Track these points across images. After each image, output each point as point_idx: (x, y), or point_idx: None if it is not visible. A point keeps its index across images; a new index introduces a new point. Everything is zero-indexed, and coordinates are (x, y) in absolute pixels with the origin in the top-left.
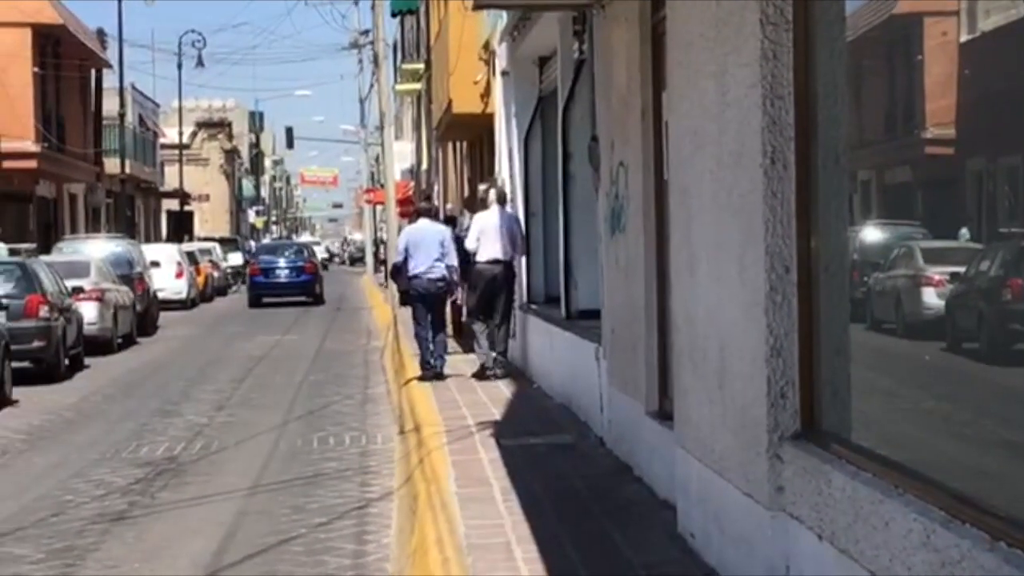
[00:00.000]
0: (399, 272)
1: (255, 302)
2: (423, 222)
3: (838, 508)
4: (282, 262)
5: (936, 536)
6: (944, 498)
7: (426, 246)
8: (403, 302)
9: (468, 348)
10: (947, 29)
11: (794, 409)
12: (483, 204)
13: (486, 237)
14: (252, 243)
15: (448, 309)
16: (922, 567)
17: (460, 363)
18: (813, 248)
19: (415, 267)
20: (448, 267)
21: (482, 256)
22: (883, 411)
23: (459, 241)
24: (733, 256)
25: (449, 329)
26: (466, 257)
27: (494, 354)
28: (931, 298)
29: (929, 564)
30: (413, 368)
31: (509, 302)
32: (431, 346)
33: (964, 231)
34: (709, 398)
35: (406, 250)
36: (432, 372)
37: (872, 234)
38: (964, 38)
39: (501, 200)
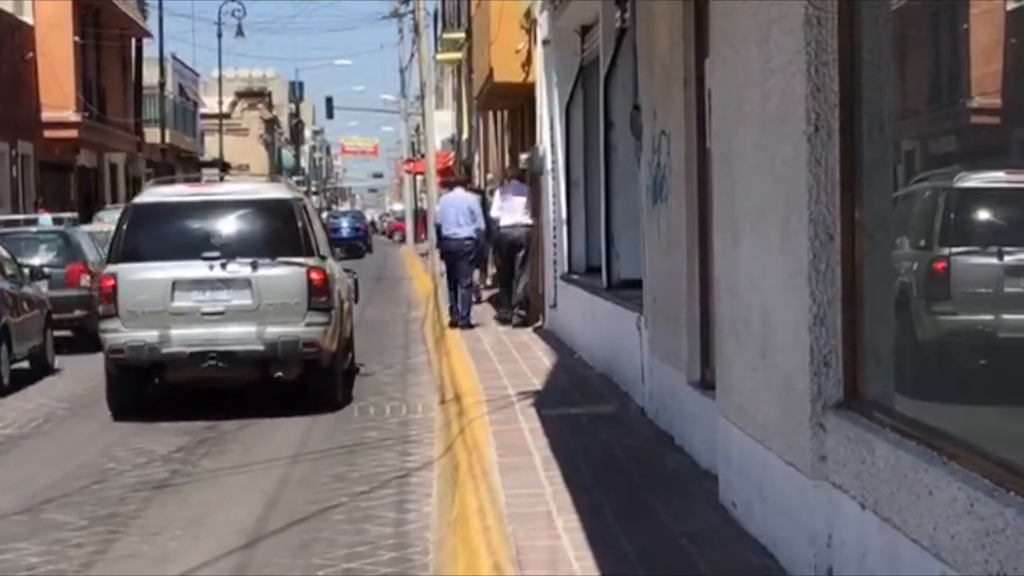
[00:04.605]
0: (438, 232)
1: None
2: (457, 191)
3: (881, 477)
4: (345, 223)
5: (980, 504)
6: (989, 466)
7: (456, 211)
8: (442, 257)
9: (496, 301)
10: None
11: (837, 378)
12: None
13: (508, 205)
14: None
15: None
16: (966, 535)
17: (487, 313)
18: (857, 217)
19: (447, 229)
20: (476, 230)
21: (504, 222)
22: (927, 380)
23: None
24: (776, 224)
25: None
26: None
27: (514, 306)
28: None
29: (973, 532)
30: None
31: (526, 258)
32: (459, 296)
33: None
34: (751, 367)
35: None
36: (460, 320)
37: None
38: (1011, 6)
39: (521, 177)
